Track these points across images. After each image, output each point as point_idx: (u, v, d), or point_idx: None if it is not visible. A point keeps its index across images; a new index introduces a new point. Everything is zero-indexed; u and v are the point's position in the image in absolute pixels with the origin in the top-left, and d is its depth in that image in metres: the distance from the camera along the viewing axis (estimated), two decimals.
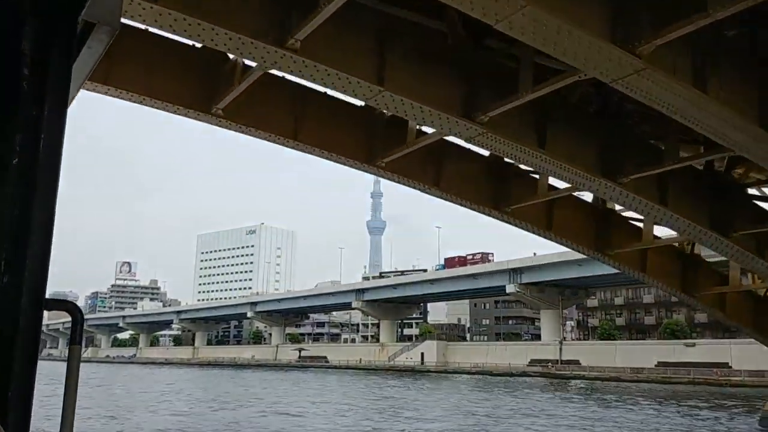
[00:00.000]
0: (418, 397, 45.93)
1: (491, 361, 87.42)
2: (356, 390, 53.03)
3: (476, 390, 53.95)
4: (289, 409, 34.24)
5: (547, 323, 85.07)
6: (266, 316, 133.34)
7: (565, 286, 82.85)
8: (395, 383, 62.89)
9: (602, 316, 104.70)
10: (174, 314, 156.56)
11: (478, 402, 40.74)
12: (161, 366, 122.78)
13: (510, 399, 43.04)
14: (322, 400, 40.49)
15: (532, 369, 76.33)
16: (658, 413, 33.91)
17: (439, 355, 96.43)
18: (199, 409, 35.05)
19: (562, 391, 52.44)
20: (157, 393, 46.73)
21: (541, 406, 37.10)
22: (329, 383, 62.39)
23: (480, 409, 35.68)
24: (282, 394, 45.96)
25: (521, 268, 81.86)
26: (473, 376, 78.90)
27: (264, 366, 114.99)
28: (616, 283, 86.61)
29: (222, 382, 63.17)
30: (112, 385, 57.48)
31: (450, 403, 39.34)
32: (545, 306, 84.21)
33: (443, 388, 57.02)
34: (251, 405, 36.95)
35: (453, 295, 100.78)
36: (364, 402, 40.58)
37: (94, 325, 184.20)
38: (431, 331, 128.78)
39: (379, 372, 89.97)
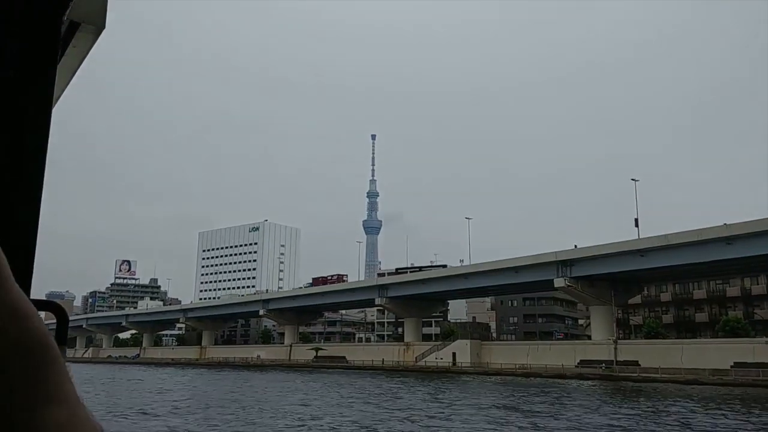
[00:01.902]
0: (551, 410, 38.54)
1: (534, 361, 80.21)
2: (456, 397, 45.62)
3: (569, 397, 46.66)
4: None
5: (598, 321, 77.80)
6: (279, 314, 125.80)
7: (618, 279, 75.71)
8: (454, 386, 55.50)
9: (646, 313, 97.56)
10: (180, 312, 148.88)
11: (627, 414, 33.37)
12: (167, 367, 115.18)
13: (633, 410, 35.70)
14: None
15: (590, 371, 69.03)
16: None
17: (473, 355, 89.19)
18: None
19: (659, 396, 45.16)
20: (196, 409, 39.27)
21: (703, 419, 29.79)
22: (391, 388, 54.71)
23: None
24: (362, 405, 38.33)
25: (572, 260, 74.66)
26: (519, 378, 71.60)
27: (279, 367, 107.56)
28: (682, 276, 79.62)
29: (256, 388, 55.62)
30: (133, 394, 49.97)
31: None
32: (596, 302, 76.97)
33: (533, 394, 49.67)
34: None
35: (489, 290, 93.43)
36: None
37: (95, 324, 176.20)
38: (454, 330, 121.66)
39: (411, 374, 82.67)
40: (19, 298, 0.52)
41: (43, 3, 0.72)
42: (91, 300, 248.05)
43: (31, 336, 0.51)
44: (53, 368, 0.51)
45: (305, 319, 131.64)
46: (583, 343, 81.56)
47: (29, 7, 0.69)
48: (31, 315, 0.52)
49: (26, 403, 0.49)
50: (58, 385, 0.51)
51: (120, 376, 73.66)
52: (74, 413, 0.52)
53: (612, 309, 77.16)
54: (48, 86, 0.69)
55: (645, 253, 67.18)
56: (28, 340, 0.51)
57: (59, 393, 0.51)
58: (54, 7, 0.72)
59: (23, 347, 0.50)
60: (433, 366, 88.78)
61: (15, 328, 0.50)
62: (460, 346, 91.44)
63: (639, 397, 44.62)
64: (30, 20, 0.69)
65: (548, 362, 78.18)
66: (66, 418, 0.51)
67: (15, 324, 0.50)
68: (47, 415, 0.50)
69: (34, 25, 0.69)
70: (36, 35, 0.69)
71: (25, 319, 0.51)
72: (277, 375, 79.73)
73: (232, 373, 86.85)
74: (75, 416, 0.51)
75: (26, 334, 0.51)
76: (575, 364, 76.02)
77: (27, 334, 0.51)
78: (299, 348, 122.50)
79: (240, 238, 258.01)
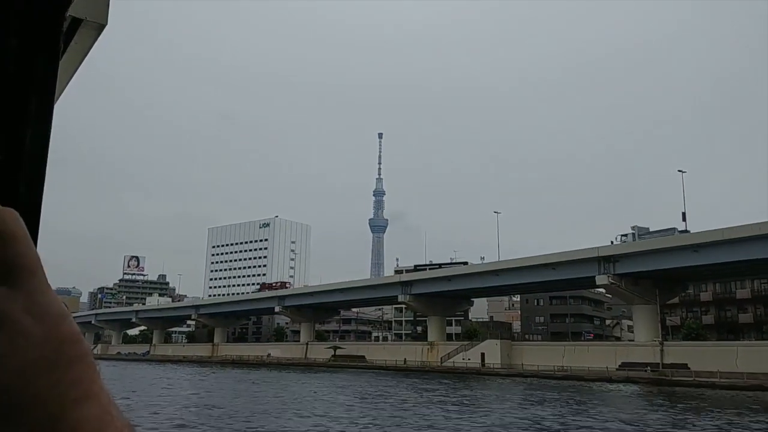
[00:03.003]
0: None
1: (570, 363, 75.81)
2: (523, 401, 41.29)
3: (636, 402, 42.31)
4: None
5: (641, 321, 73.18)
6: (295, 311, 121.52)
7: (663, 277, 71.18)
8: (521, 390, 51.19)
9: (683, 314, 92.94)
10: (192, 309, 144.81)
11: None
12: (179, 364, 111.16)
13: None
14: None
15: (637, 374, 64.54)
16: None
17: (503, 355, 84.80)
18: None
19: (730, 405, 40.75)
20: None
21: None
22: (469, 396, 50.37)
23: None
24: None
25: (615, 256, 70.11)
26: (560, 381, 67.20)
27: (295, 366, 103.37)
28: (739, 273, 75.15)
29: (291, 392, 51.39)
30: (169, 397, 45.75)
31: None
32: (640, 301, 72.43)
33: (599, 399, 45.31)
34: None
35: (521, 288, 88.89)
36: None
37: (104, 320, 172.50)
38: (477, 329, 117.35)
39: (442, 375, 78.37)
40: (54, 299, 0.54)
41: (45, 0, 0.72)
42: (100, 296, 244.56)
43: (65, 335, 0.53)
44: (86, 366, 0.53)
45: (322, 317, 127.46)
46: (624, 344, 77.06)
47: (31, 4, 0.70)
48: (65, 315, 0.54)
49: (63, 400, 0.50)
50: (91, 383, 0.53)
51: (137, 375, 69.54)
52: (107, 410, 0.53)
53: (656, 308, 72.65)
54: (50, 82, 0.70)
55: (698, 248, 62.64)
56: (64, 339, 0.53)
57: (92, 390, 0.53)
58: (56, 3, 0.72)
59: (59, 346, 0.52)
60: (462, 367, 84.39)
61: (51, 327, 0.52)
62: (490, 346, 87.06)
63: (715, 406, 40.18)
64: (32, 16, 0.69)
65: (586, 364, 73.86)
66: (99, 414, 0.52)
67: (51, 323, 0.52)
68: (83, 412, 0.51)
69: (36, 22, 0.69)
70: (38, 31, 0.69)
71: (60, 319, 0.53)
72: (299, 375, 75.49)
73: (250, 372, 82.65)
74: (108, 413, 0.53)
75: (61, 333, 0.53)
76: (616, 366, 71.67)
77: (62, 333, 0.53)
78: (316, 346, 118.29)
79: (250, 234, 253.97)
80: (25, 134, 0.67)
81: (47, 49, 0.71)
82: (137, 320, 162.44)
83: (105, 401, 0.54)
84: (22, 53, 0.69)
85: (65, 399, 0.51)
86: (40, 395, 0.50)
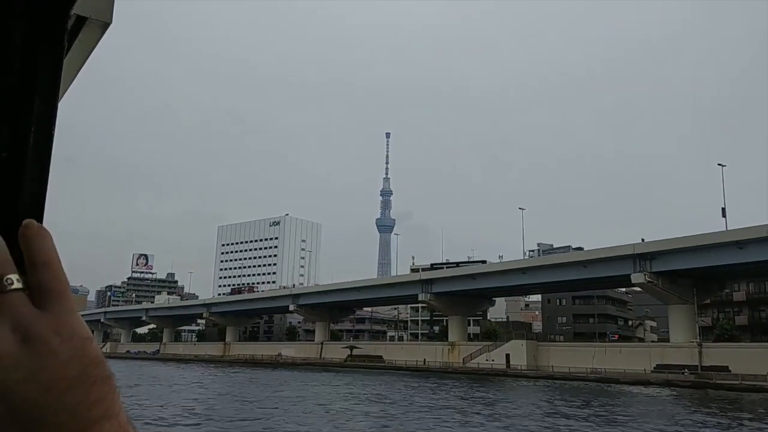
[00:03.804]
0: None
1: (601, 365, 72.81)
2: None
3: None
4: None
5: (677, 321, 70.11)
6: (310, 309, 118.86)
7: (702, 276, 68.13)
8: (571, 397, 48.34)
9: (714, 314, 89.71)
10: (203, 307, 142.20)
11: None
12: (190, 363, 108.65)
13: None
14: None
15: (677, 377, 61.54)
16: None
17: (529, 356, 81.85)
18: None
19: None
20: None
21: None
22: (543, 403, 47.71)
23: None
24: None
25: (653, 253, 67.03)
26: (594, 384, 64.27)
27: (310, 366, 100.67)
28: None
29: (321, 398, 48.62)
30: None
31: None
32: (677, 300, 69.38)
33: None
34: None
35: (550, 286, 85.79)
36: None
37: (113, 318, 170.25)
38: (496, 329, 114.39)
39: (462, 376, 75.56)
40: (80, 322, 0.58)
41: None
42: (110, 294, 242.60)
43: (91, 357, 0.56)
44: (109, 387, 0.56)
45: (337, 316, 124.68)
46: (660, 345, 73.86)
47: (36, 2, 0.70)
48: (90, 338, 0.58)
49: (87, 418, 0.53)
50: (112, 403, 0.56)
51: (155, 375, 66.96)
52: (125, 429, 0.56)
53: (693, 308, 69.62)
54: (54, 81, 0.70)
55: (743, 245, 59.58)
56: (89, 360, 0.56)
57: (113, 409, 0.56)
58: (61, 1, 0.72)
59: (84, 367, 0.55)
60: (487, 368, 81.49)
61: (77, 348, 0.56)
62: (515, 347, 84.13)
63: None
64: (37, 14, 0.69)
65: (618, 366, 70.90)
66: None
67: (77, 345, 0.56)
68: (104, 429, 0.54)
69: (40, 19, 0.69)
70: (43, 29, 0.69)
71: (87, 342, 0.57)
72: (320, 376, 72.76)
73: (266, 372, 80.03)
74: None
75: (87, 354, 0.56)
76: (651, 368, 68.68)
77: (87, 354, 0.56)
78: (331, 346, 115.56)
79: (260, 232, 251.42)
80: (28, 132, 0.68)
81: (51, 47, 0.71)
82: (147, 318, 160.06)
83: (123, 421, 0.57)
84: (27, 51, 0.69)
85: (88, 417, 0.54)
86: (66, 411, 0.53)
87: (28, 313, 0.56)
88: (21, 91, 0.68)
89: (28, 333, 0.54)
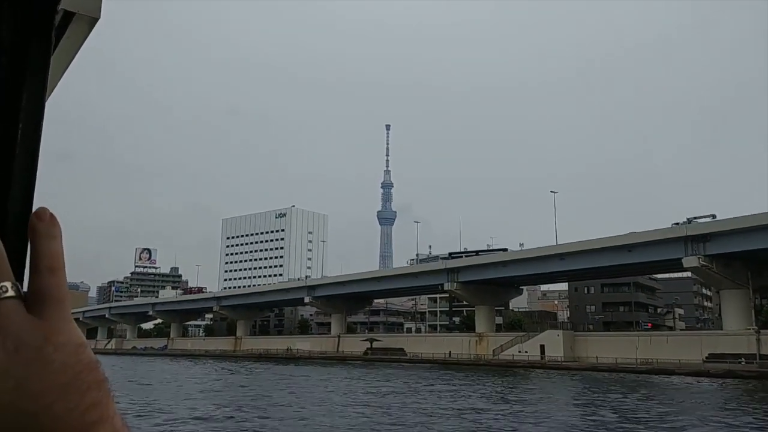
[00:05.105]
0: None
1: (645, 355, 68.50)
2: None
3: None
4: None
5: (731, 307, 65.81)
6: (325, 301, 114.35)
7: (759, 260, 63.69)
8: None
9: (757, 300, 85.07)
10: (213, 301, 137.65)
11: None
12: (202, 359, 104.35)
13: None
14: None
15: (742, 368, 57.18)
16: None
17: (566, 347, 77.49)
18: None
19: None
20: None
21: None
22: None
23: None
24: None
25: (708, 235, 62.59)
26: (649, 376, 59.91)
27: (329, 359, 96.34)
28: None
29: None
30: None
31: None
32: (731, 285, 65.01)
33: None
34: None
35: (589, 272, 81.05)
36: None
37: (119, 313, 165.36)
38: (521, 319, 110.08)
39: (498, 369, 71.27)
40: (75, 329, 0.59)
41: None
42: (114, 289, 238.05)
43: (84, 363, 0.57)
44: (102, 392, 0.57)
45: (354, 308, 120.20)
46: (712, 333, 69.39)
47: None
48: (84, 344, 0.59)
49: (80, 423, 0.54)
50: (106, 408, 0.57)
51: (169, 371, 62.53)
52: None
53: (748, 293, 65.28)
54: (42, 76, 0.68)
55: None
56: (82, 366, 0.57)
57: (107, 414, 0.57)
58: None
59: (77, 374, 0.56)
60: (523, 360, 77.07)
61: (70, 355, 0.57)
62: (550, 338, 79.77)
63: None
64: (24, 9, 0.67)
65: (665, 356, 66.64)
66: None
67: (70, 352, 0.57)
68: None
69: (28, 15, 0.68)
70: (30, 25, 0.68)
71: (80, 348, 0.58)
72: (356, 371, 68.37)
73: (291, 366, 75.62)
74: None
75: (80, 361, 0.57)
76: (702, 358, 64.36)
77: (80, 361, 0.57)
78: (349, 339, 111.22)
79: (266, 224, 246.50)
80: (16, 129, 0.67)
81: (40, 42, 0.69)
82: (154, 313, 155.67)
83: (118, 425, 0.58)
84: (14, 47, 0.68)
85: (82, 423, 0.55)
86: (59, 419, 0.54)
87: (21, 322, 0.56)
88: (9, 87, 0.67)
89: (20, 342, 0.55)
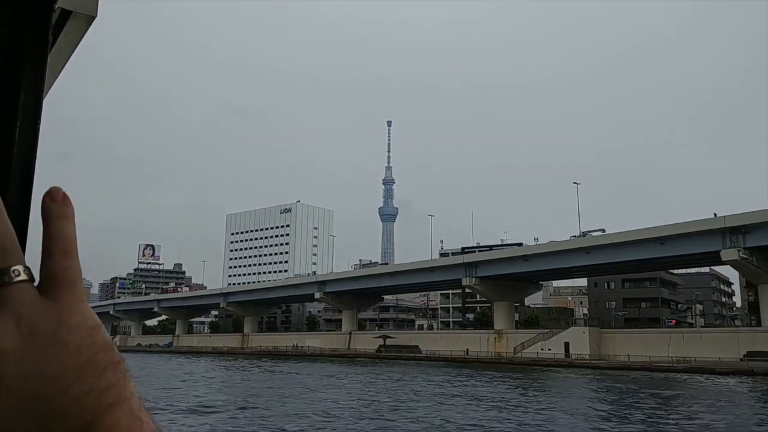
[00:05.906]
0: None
1: (678, 353, 65.35)
2: None
3: None
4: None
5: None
6: (336, 297, 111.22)
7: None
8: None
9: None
10: (221, 297, 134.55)
11: None
12: (209, 356, 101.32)
13: None
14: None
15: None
16: None
17: (592, 345, 74.32)
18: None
19: None
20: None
21: None
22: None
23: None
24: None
25: (748, 226, 59.30)
26: (687, 376, 56.70)
27: (340, 357, 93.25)
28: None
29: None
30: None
31: None
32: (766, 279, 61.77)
33: None
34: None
35: (617, 267, 77.69)
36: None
37: (123, 310, 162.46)
38: (538, 315, 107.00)
39: (526, 368, 68.10)
40: (88, 310, 0.58)
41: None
42: (119, 285, 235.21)
43: (99, 344, 0.56)
44: (119, 372, 0.56)
45: (365, 304, 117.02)
46: (750, 330, 66.08)
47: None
48: (98, 325, 0.58)
49: (97, 405, 0.54)
50: (123, 388, 0.56)
51: (181, 370, 59.37)
52: (137, 416, 0.56)
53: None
54: (39, 75, 0.67)
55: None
56: (98, 348, 0.56)
57: (124, 394, 0.56)
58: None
59: (93, 355, 0.55)
60: (548, 358, 73.84)
61: (85, 337, 0.56)
62: (575, 335, 76.56)
63: None
64: (21, 8, 0.67)
65: (700, 354, 63.58)
66: (130, 419, 0.55)
67: (85, 333, 0.56)
68: (115, 415, 0.54)
69: (24, 13, 0.67)
70: (27, 23, 0.67)
71: (95, 330, 0.57)
72: (388, 369, 65.20)
73: (309, 365, 72.46)
74: (138, 419, 0.56)
75: (95, 342, 0.56)
76: (740, 356, 61.19)
77: (95, 342, 0.56)
78: (360, 336, 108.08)
79: (270, 220, 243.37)
80: (14, 129, 0.66)
81: (36, 41, 0.69)
82: (159, 309, 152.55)
83: (135, 406, 0.57)
84: (11, 46, 0.68)
85: (99, 404, 0.54)
86: (75, 401, 0.53)
87: (35, 305, 0.56)
88: (6, 85, 0.67)
89: (34, 326, 0.54)
